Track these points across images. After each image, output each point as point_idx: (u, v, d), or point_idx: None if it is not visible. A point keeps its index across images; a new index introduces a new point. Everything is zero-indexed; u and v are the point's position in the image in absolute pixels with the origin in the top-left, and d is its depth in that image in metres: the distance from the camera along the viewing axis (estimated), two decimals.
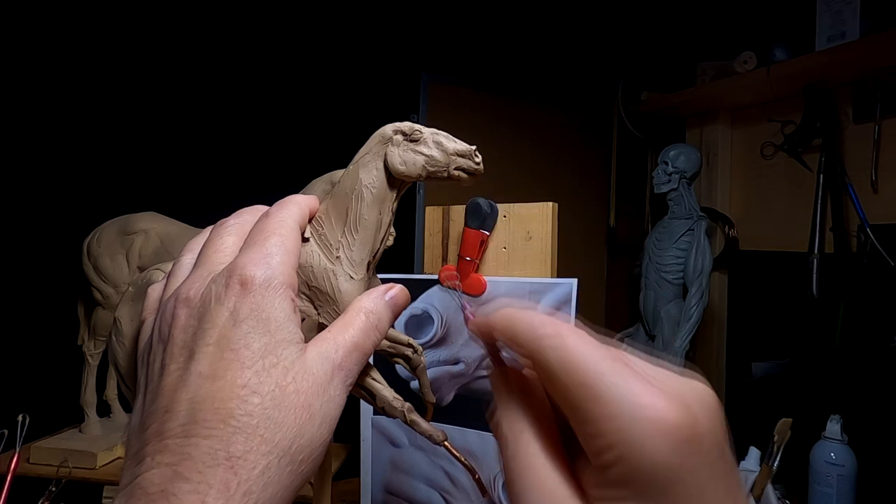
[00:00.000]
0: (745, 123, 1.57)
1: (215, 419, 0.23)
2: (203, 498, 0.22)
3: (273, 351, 0.25)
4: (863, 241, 1.25)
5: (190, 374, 0.25)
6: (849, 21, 1.21)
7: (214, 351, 0.25)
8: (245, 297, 0.26)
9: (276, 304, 0.26)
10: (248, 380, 0.24)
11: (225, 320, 0.25)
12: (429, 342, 0.77)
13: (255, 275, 0.26)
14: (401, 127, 0.37)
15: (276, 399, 0.24)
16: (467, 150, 0.35)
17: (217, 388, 0.24)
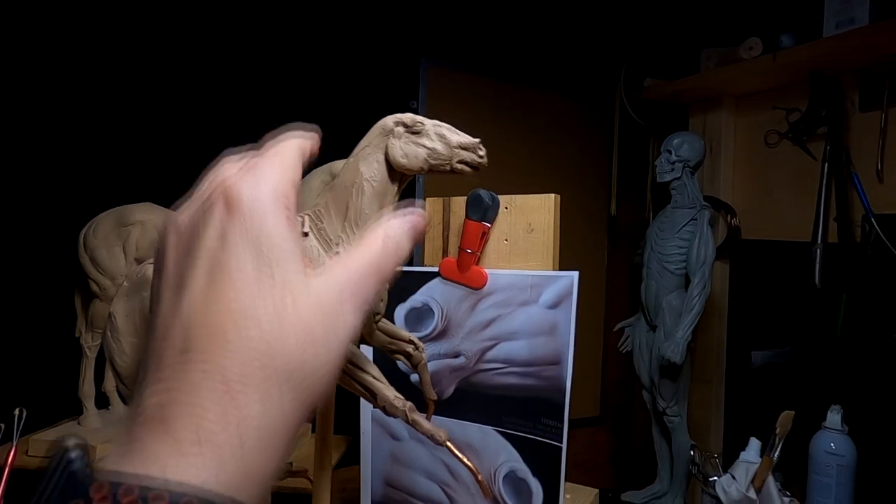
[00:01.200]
0: (750, 111, 1.55)
1: (210, 344, 0.22)
2: (199, 421, 0.21)
3: (267, 272, 0.24)
4: (867, 232, 1.24)
5: (182, 302, 0.24)
6: (858, 7, 1.18)
7: (205, 276, 0.24)
8: (232, 217, 0.24)
9: (268, 222, 0.24)
10: (242, 303, 0.23)
11: (213, 243, 0.24)
12: (429, 335, 0.77)
13: (242, 193, 0.25)
14: (402, 118, 0.36)
15: (273, 322, 0.23)
16: (471, 142, 0.34)
17: (211, 313, 0.23)
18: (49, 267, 1.14)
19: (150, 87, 1.28)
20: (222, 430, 0.21)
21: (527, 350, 0.71)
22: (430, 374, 0.78)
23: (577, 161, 1.87)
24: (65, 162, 1.20)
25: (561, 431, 0.67)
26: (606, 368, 1.95)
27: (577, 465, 1.88)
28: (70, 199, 1.17)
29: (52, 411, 1.00)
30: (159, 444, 0.21)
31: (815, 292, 1.28)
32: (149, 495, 0.19)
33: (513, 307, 0.72)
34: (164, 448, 0.21)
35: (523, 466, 0.70)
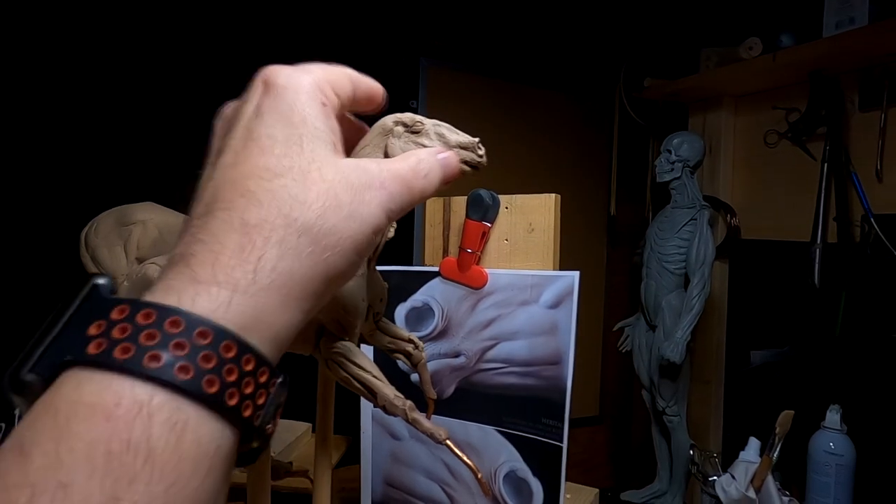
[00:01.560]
0: (749, 111, 1.55)
1: (234, 195, 0.23)
2: (217, 256, 0.22)
3: (297, 141, 0.25)
4: (866, 232, 1.24)
5: (217, 168, 0.25)
6: (857, 6, 1.18)
7: (238, 143, 0.25)
8: (268, 94, 0.26)
9: (300, 100, 0.26)
10: (268, 162, 0.24)
11: (249, 115, 0.26)
12: (429, 335, 0.77)
13: (280, 75, 0.27)
14: (402, 118, 0.36)
15: (298, 181, 0.24)
16: (470, 142, 0.34)
17: (238, 171, 0.24)
18: (50, 266, 1.14)
19: (151, 87, 1.28)
20: (237, 266, 0.22)
21: (527, 350, 0.71)
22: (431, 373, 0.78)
23: (577, 161, 1.87)
24: (66, 161, 1.20)
25: (561, 431, 0.67)
26: (606, 368, 1.95)
27: (577, 465, 1.88)
28: (71, 199, 1.17)
29: None
30: (178, 278, 0.22)
31: (815, 292, 1.28)
32: (167, 318, 0.20)
33: (513, 307, 0.72)
34: (182, 281, 0.22)
35: (524, 466, 0.70)
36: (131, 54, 1.26)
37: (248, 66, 1.11)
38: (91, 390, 0.19)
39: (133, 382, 0.19)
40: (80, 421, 0.18)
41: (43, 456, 0.18)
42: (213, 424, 0.20)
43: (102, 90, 1.23)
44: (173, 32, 1.30)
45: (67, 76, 1.20)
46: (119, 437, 0.18)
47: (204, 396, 0.20)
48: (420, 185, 0.29)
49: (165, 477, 0.19)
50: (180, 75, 1.31)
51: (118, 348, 0.19)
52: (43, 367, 0.20)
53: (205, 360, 0.20)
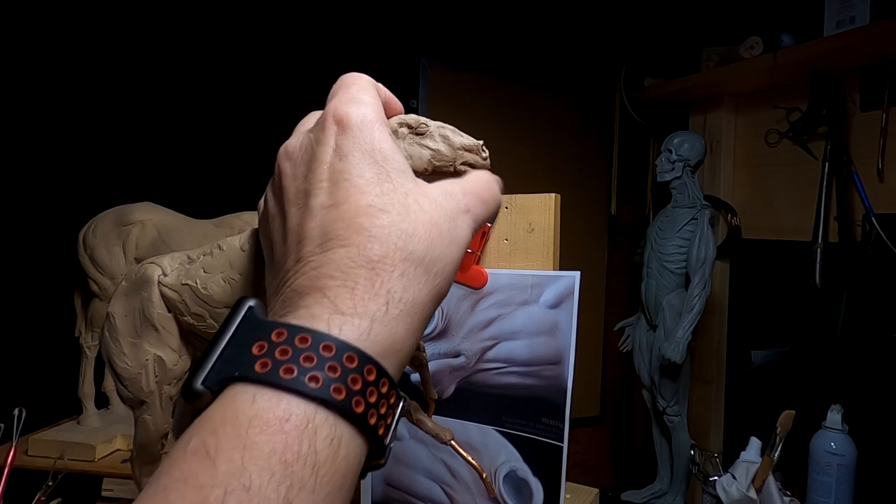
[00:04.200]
0: (750, 110, 1.55)
1: (349, 232, 0.25)
2: (352, 291, 0.24)
3: (387, 178, 0.26)
4: (868, 231, 1.24)
5: (312, 209, 0.26)
6: (858, 6, 1.18)
7: (329, 185, 0.26)
8: (344, 133, 0.27)
9: (377, 137, 0.27)
10: (370, 201, 0.25)
11: (331, 157, 0.26)
12: (429, 335, 0.77)
13: (349, 112, 0.27)
14: (406, 119, 0.36)
15: (403, 214, 0.25)
16: (474, 144, 0.34)
17: (343, 210, 0.25)
18: (49, 266, 1.14)
19: (150, 87, 1.28)
20: (372, 299, 0.24)
21: (527, 350, 0.70)
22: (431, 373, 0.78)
23: (577, 161, 1.86)
24: (64, 162, 1.20)
25: (562, 431, 0.67)
26: (606, 368, 1.95)
27: (577, 465, 1.88)
28: (70, 199, 1.17)
29: (51, 411, 1.00)
30: (320, 307, 0.24)
31: (816, 292, 1.28)
32: (321, 343, 0.22)
33: (513, 307, 0.72)
34: (326, 311, 0.24)
35: (524, 466, 0.70)
36: (131, 54, 1.26)
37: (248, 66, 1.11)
38: (264, 406, 0.21)
39: (299, 401, 0.21)
40: (258, 433, 0.20)
41: (228, 462, 0.20)
42: (359, 441, 0.23)
43: (101, 90, 1.23)
44: (173, 32, 1.30)
45: (67, 76, 1.20)
46: (292, 449, 0.21)
47: (354, 415, 0.22)
48: (494, 203, 0.31)
49: (324, 487, 0.21)
50: (180, 75, 1.31)
51: (282, 368, 0.22)
52: (212, 381, 0.23)
53: (353, 382, 0.22)
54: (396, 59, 1.56)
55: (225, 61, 1.35)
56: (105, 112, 1.24)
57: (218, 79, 1.35)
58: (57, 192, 1.18)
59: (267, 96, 1.39)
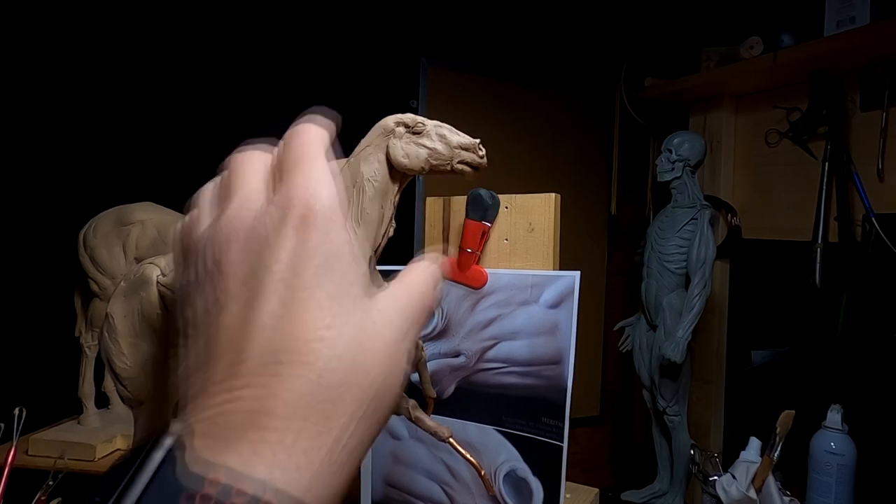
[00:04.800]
0: (750, 110, 1.55)
1: (300, 358, 0.22)
2: (296, 436, 0.21)
3: (348, 292, 0.24)
4: (868, 231, 1.24)
5: (260, 314, 0.23)
6: (858, 6, 1.18)
7: (284, 290, 0.23)
8: (308, 231, 0.24)
9: (341, 238, 0.24)
10: (328, 321, 0.23)
11: (290, 256, 0.23)
12: (429, 335, 0.77)
13: (314, 205, 0.24)
14: (403, 119, 0.36)
15: (360, 343, 0.23)
16: (471, 143, 0.34)
17: (297, 328, 0.23)
18: (49, 266, 1.14)
19: (150, 87, 1.28)
20: (317, 449, 0.22)
21: (527, 350, 0.71)
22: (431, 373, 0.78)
23: (577, 161, 1.86)
24: (64, 161, 1.20)
25: (562, 431, 0.67)
26: (606, 368, 1.95)
27: (577, 465, 1.88)
28: (70, 199, 1.17)
29: (52, 411, 1.00)
30: (258, 456, 0.21)
31: (816, 292, 1.28)
32: (261, 499, 0.20)
33: (513, 307, 0.72)
34: (264, 460, 0.21)
35: (524, 466, 0.70)
36: (130, 55, 1.26)
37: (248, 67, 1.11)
38: None
39: None
40: None
41: None
42: None
43: (102, 90, 1.23)
44: (173, 32, 1.30)
45: (67, 78, 1.20)
46: None
47: None
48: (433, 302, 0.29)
49: None
50: (180, 76, 1.31)
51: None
52: None
53: None
54: (396, 60, 1.56)
55: (225, 61, 1.35)
56: (105, 112, 1.24)
57: (218, 78, 1.35)
58: (57, 192, 1.18)
59: (267, 96, 1.39)
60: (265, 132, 0.31)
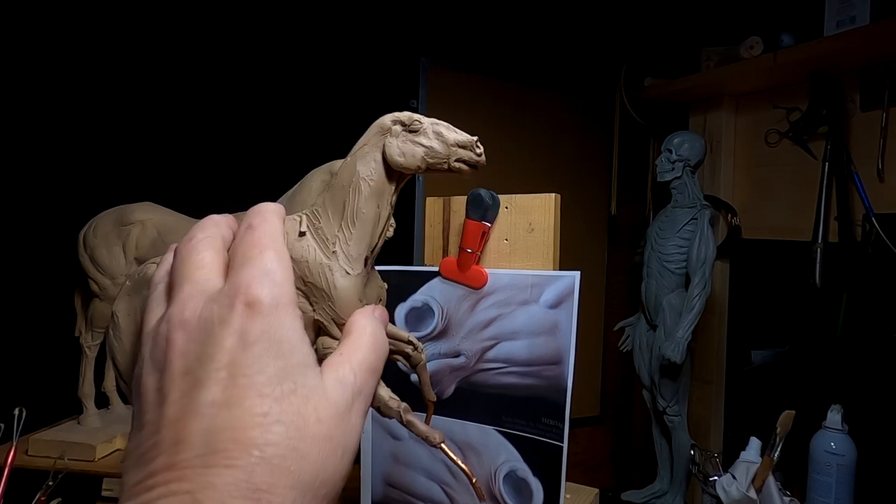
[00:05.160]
0: (750, 110, 1.55)
1: (237, 449, 0.22)
2: None
3: (290, 376, 0.24)
4: (868, 231, 1.24)
5: (200, 403, 0.23)
6: (858, 6, 1.18)
7: (226, 377, 0.23)
8: (254, 318, 0.24)
9: (287, 325, 0.24)
10: (267, 408, 0.23)
11: (233, 344, 0.24)
12: (429, 335, 0.77)
13: (262, 294, 0.24)
14: (400, 117, 0.35)
15: (300, 429, 0.23)
16: (468, 140, 0.34)
17: (235, 416, 0.22)
18: (49, 266, 1.14)
19: (150, 87, 1.28)
20: None
21: (527, 350, 0.71)
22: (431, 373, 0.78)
23: (578, 160, 1.86)
24: (64, 162, 1.20)
25: (562, 431, 0.67)
26: (606, 368, 1.95)
27: (577, 465, 1.88)
28: (70, 199, 1.17)
29: (52, 411, 1.00)
30: None
31: (816, 292, 1.28)
32: None
33: (513, 307, 0.72)
34: None
35: (524, 466, 0.70)
36: (130, 56, 1.26)
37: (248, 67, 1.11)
38: None
39: None
40: None
41: None
42: None
43: (102, 91, 1.23)
44: (173, 33, 1.30)
45: (67, 78, 1.20)
46: None
47: None
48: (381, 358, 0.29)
49: None
50: (180, 76, 1.31)
51: None
52: None
53: None
54: (396, 59, 1.56)
55: (225, 62, 1.35)
56: (105, 112, 1.24)
57: (218, 79, 1.35)
58: (57, 193, 1.18)
59: (267, 96, 1.39)
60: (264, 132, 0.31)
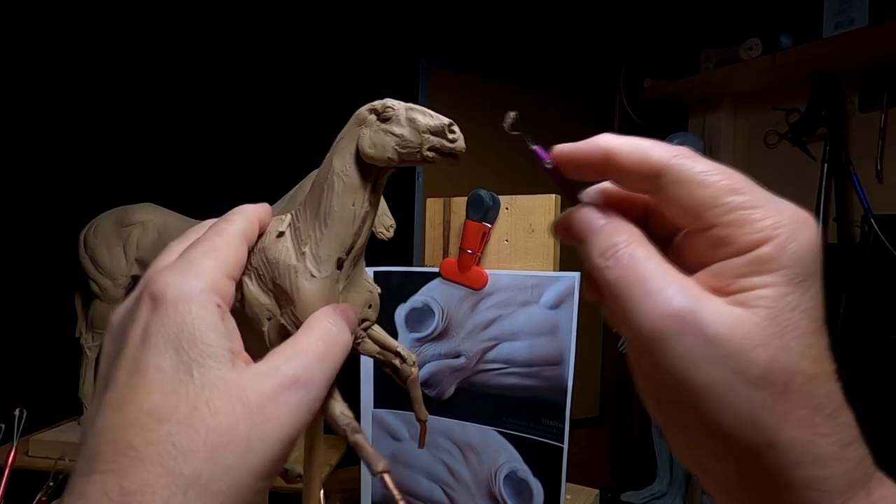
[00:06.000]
0: (749, 111, 1.56)
1: (114, 452, 0.21)
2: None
3: (186, 369, 0.23)
4: (866, 232, 1.24)
5: (102, 406, 0.23)
6: (857, 7, 1.18)
7: (124, 376, 0.23)
8: (155, 311, 0.23)
9: (191, 314, 0.23)
10: (153, 404, 0.22)
11: (136, 340, 0.23)
12: (430, 336, 0.77)
13: (168, 284, 0.24)
14: (374, 105, 0.32)
15: (183, 423, 0.22)
16: (441, 125, 0.30)
17: (121, 416, 0.22)
18: (49, 267, 1.14)
19: (151, 88, 1.28)
20: None
21: (527, 350, 0.71)
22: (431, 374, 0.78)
23: None
24: (65, 163, 1.20)
25: (562, 432, 0.67)
26: (606, 368, 1.95)
27: (577, 465, 1.88)
28: (70, 200, 1.17)
29: (52, 412, 1.00)
30: None
31: None
32: None
33: (513, 307, 0.72)
34: None
35: (524, 467, 0.70)
36: (131, 57, 1.26)
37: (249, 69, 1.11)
38: None
39: None
40: None
41: None
42: None
43: (103, 92, 1.23)
44: (174, 33, 1.30)
45: (68, 79, 1.20)
46: None
47: None
48: (339, 347, 0.27)
49: None
50: (180, 77, 1.31)
51: None
52: None
53: None
54: (396, 61, 1.56)
55: (225, 63, 1.36)
56: (106, 114, 1.24)
57: (218, 80, 1.35)
58: (58, 194, 1.18)
59: (267, 98, 1.40)
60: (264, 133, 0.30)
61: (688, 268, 0.23)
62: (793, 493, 0.21)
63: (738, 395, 0.20)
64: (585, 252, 0.25)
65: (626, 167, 0.24)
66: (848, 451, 0.21)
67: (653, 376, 0.23)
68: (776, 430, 0.20)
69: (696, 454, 0.23)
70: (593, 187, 0.27)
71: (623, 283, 0.22)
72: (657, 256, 0.23)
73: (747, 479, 0.22)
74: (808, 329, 0.21)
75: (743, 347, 0.20)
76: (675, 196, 0.23)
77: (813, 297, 0.21)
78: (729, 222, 0.22)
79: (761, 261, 0.21)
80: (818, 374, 0.21)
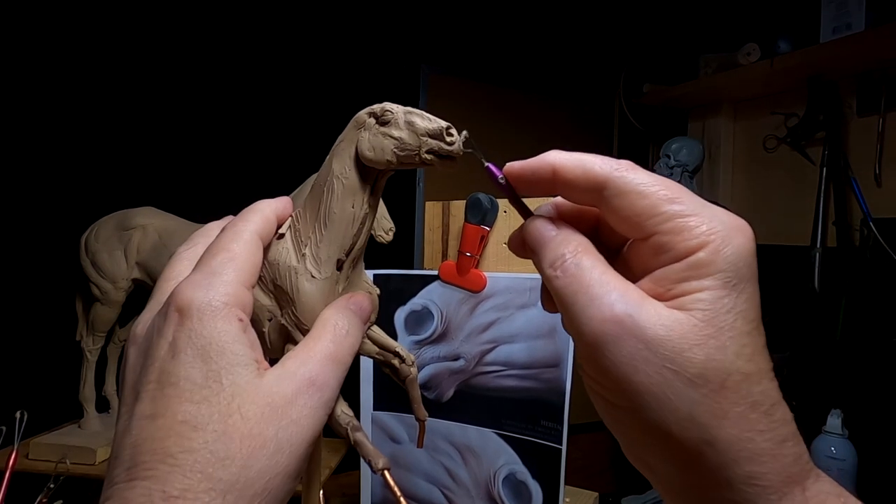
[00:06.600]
0: (748, 116, 1.56)
1: (153, 460, 0.22)
2: None
3: (216, 378, 0.24)
4: (866, 236, 1.24)
5: (134, 417, 0.23)
6: (854, 12, 1.19)
7: (155, 388, 0.24)
8: (182, 325, 0.24)
9: (217, 328, 0.24)
10: (187, 414, 0.23)
11: (164, 354, 0.24)
12: (429, 338, 0.77)
13: (193, 299, 0.25)
14: (373, 108, 0.33)
15: (219, 431, 0.23)
16: (438, 128, 0.31)
17: (157, 426, 0.23)
18: (50, 270, 1.14)
19: (151, 92, 1.29)
20: None
21: (526, 353, 0.71)
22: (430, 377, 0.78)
23: None
24: (66, 166, 1.21)
25: (560, 433, 0.67)
26: None
27: (578, 470, 1.88)
28: (71, 203, 1.18)
29: (53, 415, 1.00)
30: None
31: (815, 296, 1.28)
32: None
33: (512, 310, 0.72)
34: None
35: (523, 469, 0.70)
36: (131, 59, 1.27)
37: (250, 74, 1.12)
38: None
39: None
40: None
41: None
42: None
43: (103, 95, 1.24)
44: (174, 35, 1.31)
45: (69, 82, 1.21)
46: None
47: None
48: (348, 348, 0.28)
49: None
50: (181, 80, 1.32)
51: None
52: None
53: None
54: (397, 66, 1.57)
55: (226, 68, 1.36)
56: (107, 117, 1.25)
57: (218, 84, 1.36)
58: (59, 197, 1.19)
59: (268, 103, 1.40)
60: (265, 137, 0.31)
61: (634, 275, 0.24)
62: (732, 490, 0.21)
63: (677, 394, 0.21)
64: (537, 263, 0.26)
65: (571, 181, 0.25)
66: (784, 447, 0.22)
67: (598, 379, 0.24)
68: (714, 427, 0.21)
69: (642, 454, 0.25)
70: (547, 202, 0.29)
71: (570, 290, 0.24)
72: (603, 265, 0.24)
73: (689, 477, 0.22)
74: (743, 329, 0.22)
75: (680, 348, 0.21)
76: (618, 207, 0.24)
77: (748, 299, 0.22)
78: (668, 230, 0.23)
79: (698, 265, 0.22)
80: (753, 372, 0.22)
